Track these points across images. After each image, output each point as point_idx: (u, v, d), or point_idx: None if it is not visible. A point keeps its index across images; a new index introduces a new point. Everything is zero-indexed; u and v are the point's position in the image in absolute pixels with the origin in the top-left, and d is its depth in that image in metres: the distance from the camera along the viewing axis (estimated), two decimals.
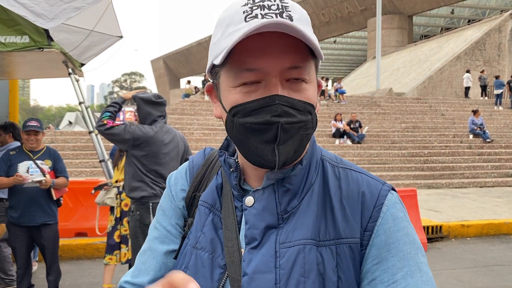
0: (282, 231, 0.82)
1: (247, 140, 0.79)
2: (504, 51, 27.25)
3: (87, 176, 11.28)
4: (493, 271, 5.55)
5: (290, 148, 0.78)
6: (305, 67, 0.79)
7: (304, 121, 0.79)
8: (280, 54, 0.76)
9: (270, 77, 0.77)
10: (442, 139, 16.36)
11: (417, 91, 24.85)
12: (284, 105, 0.76)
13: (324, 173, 0.88)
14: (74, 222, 6.49)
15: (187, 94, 22.36)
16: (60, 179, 4.14)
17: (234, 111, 0.79)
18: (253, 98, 0.78)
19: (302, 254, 0.79)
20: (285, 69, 0.77)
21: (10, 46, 4.38)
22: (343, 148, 14.90)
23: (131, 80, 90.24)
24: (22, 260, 4.08)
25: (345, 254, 0.80)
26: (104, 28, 5.87)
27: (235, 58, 0.77)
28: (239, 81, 0.78)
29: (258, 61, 0.76)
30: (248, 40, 0.74)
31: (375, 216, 0.82)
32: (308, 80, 0.80)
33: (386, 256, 0.80)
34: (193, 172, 0.97)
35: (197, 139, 14.24)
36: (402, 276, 0.78)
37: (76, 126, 34.90)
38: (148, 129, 3.62)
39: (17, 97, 7.21)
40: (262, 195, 0.84)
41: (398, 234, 0.81)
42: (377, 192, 0.84)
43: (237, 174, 0.87)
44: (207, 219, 0.88)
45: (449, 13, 42.38)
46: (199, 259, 0.85)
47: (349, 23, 42.06)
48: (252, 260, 0.80)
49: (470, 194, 11.25)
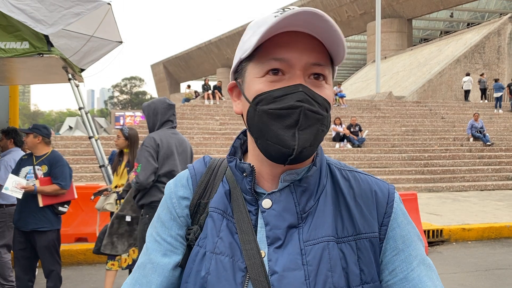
0: (303, 230, 0.86)
1: (268, 127, 0.82)
2: (503, 54, 27.29)
3: (88, 181, 11.27)
4: (494, 275, 5.53)
5: (308, 137, 0.82)
6: (326, 66, 0.85)
7: (322, 115, 0.83)
8: (305, 49, 0.82)
9: (294, 70, 0.82)
10: (442, 142, 16.36)
11: (417, 95, 24.88)
12: (307, 94, 0.81)
13: (333, 175, 0.93)
14: (75, 227, 6.49)
15: (187, 98, 22.37)
16: (48, 186, 4.01)
17: (258, 99, 0.84)
18: (279, 87, 0.82)
19: (326, 250, 0.84)
20: (309, 64, 0.83)
21: (10, 52, 4.40)
22: (343, 152, 14.90)
23: (131, 84, 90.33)
24: (20, 270, 4.04)
25: (366, 248, 0.86)
26: (104, 33, 5.89)
27: (263, 50, 0.83)
28: (266, 69, 0.83)
29: (286, 53, 0.82)
30: (276, 37, 0.82)
31: (389, 212, 0.90)
32: (328, 79, 0.86)
33: (403, 247, 0.89)
34: (196, 179, 0.96)
35: (197, 143, 14.25)
36: (417, 264, 0.89)
37: (77, 131, 34.94)
38: (157, 141, 3.60)
39: (17, 102, 7.23)
40: (280, 196, 0.87)
41: (408, 227, 0.91)
42: (386, 191, 0.93)
43: (251, 179, 0.89)
44: (222, 224, 0.89)
45: (449, 17, 42.51)
46: (219, 264, 0.86)
47: (349, 27, 42.17)
48: (279, 259, 0.83)
49: (471, 198, 11.23)
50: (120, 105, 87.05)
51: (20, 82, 6.98)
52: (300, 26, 0.81)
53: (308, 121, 0.81)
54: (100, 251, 4.05)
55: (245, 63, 0.87)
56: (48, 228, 4.04)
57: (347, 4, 39.40)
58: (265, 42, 0.82)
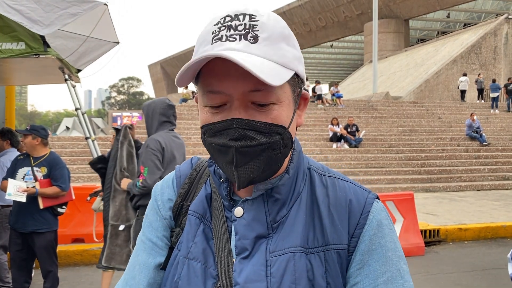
0: (272, 240, 0.83)
1: (216, 158, 0.83)
2: (499, 54, 27.38)
3: (85, 181, 11.25)
4: (491, 274, 5.55)
5: (254, 169, 0.79)
6: (270, 89, 0.77)
7: (269, 143, 0.78)
8: (241, 77, 0.76)
9: (232, 100, 0.78)
10: (439, 142, 16.40)
11: (413, 95, 24.92)
12: (243, 128, 0.77)
13: (312, 182, 0.89)
14: (71, 228, 6.47)
15: (184, 98, 22.36)
16: (49, 189, 4.02)
17: (204, 129, 0.82)
18: (218, 119, 0.79)
19: (292, 261, 0.80)
20: (247, 92, 0.77)
21: (6, 53, 4.39)
22: (340, 152, 14.92)
23: (129, 85, 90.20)
24: (16, 271, 4.03)
25: (333, 260, 0.82)
26: (100, 34, 5.87)
27: (202, 79, 0.80)
28: (205, 103, 0.81)
29: (221, 84, 0.77)
30: (214, 64, 0.76)
31: (362, 223, 0.84)
32: (277, 101, 0.79)
33: (369, 261, 0.82)
34: (180, 181, 0.97)
35: (194, 143, 14.23)
36: (383, 281, 0.81)
37: (74, 132, 34.88)
38: (162, 145, 3.57)
39: (13, 103, 7.21)
40: (252, 205, 0.85)
41: (382, 241, 0.83)
42: (363, 200, 0.86)
43: (227, 185, 0.87)
44: (198, 229, 0.88)
45: (445, 17, 42.60)
46: (191, 269, 0.85)
47: (346, 28, 42.21)
48: (243, 270, 0.81)
49: (467, 198, 11.26)
50: (117, 106, 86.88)
51: (16, 82, 6.97)
52: (214, 57, 0.75)
53: (247, 157, 0.77)
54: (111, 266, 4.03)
55: (196, 82, 0.83)
56: (47, 229, 4.04)
57: (344, 5, 39.44)
58: (204, 68, 0.78)
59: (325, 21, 42.32)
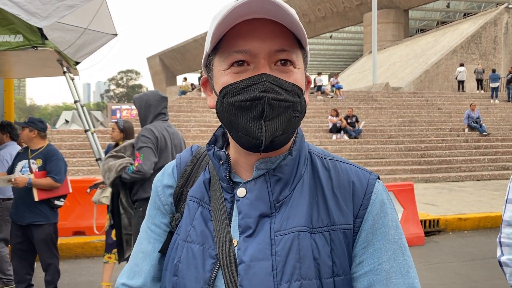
0: (275, 219, 0.84)
1: (236, 120, 0.81)
2: (499, 44, 27.28)
3: (84, 174, 11.26)
4: (490, 263, 5.57)
5: (278, 126, 0.80)
6: (293, 51, 0.83)
7: (292, 102, 0.81)
8: (268, 37, 0.80)
9: (258, 59, 0.81)
10: (439, 133, 16.39)
11: (413, 85, 24.87)
12: (272, 83, 0.80)
13: (313, 165, 0.92)
14: (72, 220, 6.49)
15: (183, 91, 22.32)
16: (42, 180, 3.98)
17: (224, 91, 0.82)
18: (243, 78, 0.81)
19: (296, 241, 0.82)
20: (273, 51, 0.81)
21: (4, 45, 4.36)
22: (340, 143, 14.92)
23: (127, 77, 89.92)
24: (18, 264, 4.05)
25: (340, 240, 0.84)
26: (98, 26, 5.84)
27: (225, 42, 0.82)
28: (229, 62, 0.82)
29: (247, 43, 0.80)
30: (238, 26, 0.80)
31: (366, 204, 0.87)
32: (297, 64, 0.84)
33: (373, 240, 0.85)
34: (180, 168, 0.99)
35: (194, 136, 14.23)
36: (387, 258, 0.85)
37: (73, 125, 34.87)
38: (155, 133, 3.58)
39: (12, 96, 7.19)
40: (254, 185, 0.87)
41: (384, 220, 0.87)
42: (366, 181, 0.89)
43: (227, 166, 0.89)
44: (196, 212, 0.90)
45: (445, 7, 42.36)
46: (190, 252, 0.87)
47: (345, 18, 42.00)
48: (248, 248, 0.83)
49: (467, 188, 11.29)
50: (116, 99, 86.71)
51: (14, 75, 6.94)
52: (259, 13, 0.78)
53: (275, 111, 0.79)
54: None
55: (212, 57, 0.87)
56: (45, 222, 4.02)
57: None
58: (228, 32, 0.81)
59: (325, 12, 42.09)
